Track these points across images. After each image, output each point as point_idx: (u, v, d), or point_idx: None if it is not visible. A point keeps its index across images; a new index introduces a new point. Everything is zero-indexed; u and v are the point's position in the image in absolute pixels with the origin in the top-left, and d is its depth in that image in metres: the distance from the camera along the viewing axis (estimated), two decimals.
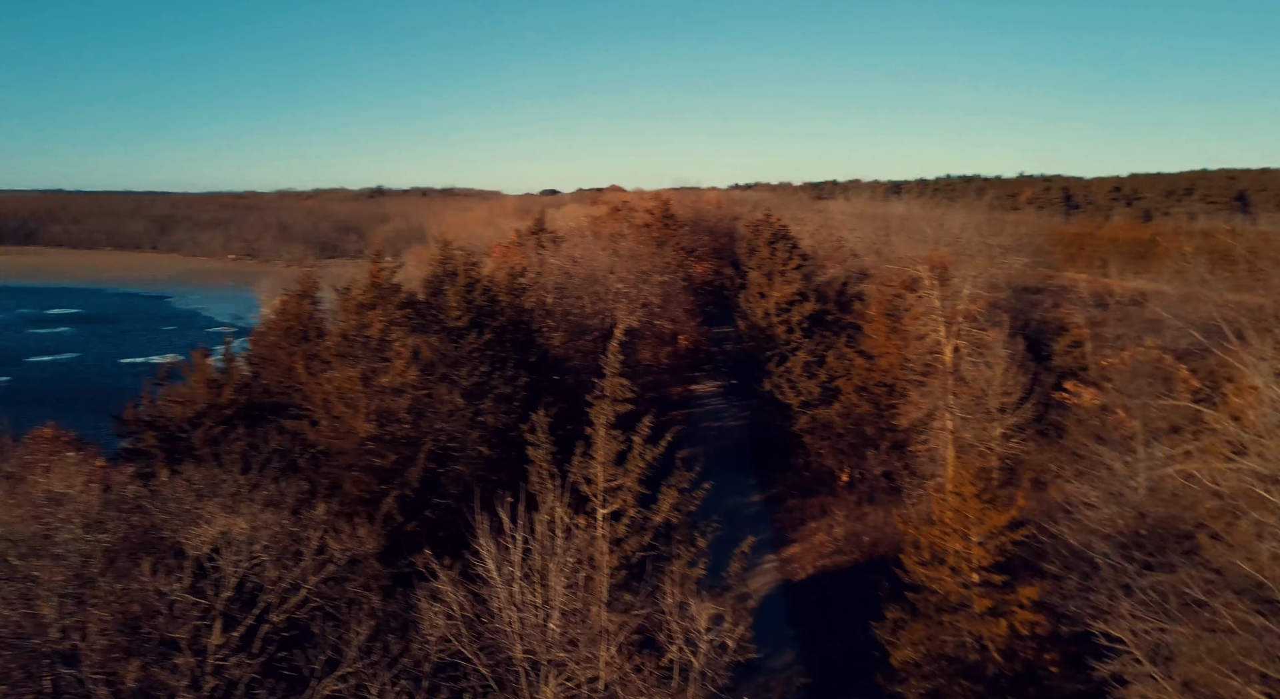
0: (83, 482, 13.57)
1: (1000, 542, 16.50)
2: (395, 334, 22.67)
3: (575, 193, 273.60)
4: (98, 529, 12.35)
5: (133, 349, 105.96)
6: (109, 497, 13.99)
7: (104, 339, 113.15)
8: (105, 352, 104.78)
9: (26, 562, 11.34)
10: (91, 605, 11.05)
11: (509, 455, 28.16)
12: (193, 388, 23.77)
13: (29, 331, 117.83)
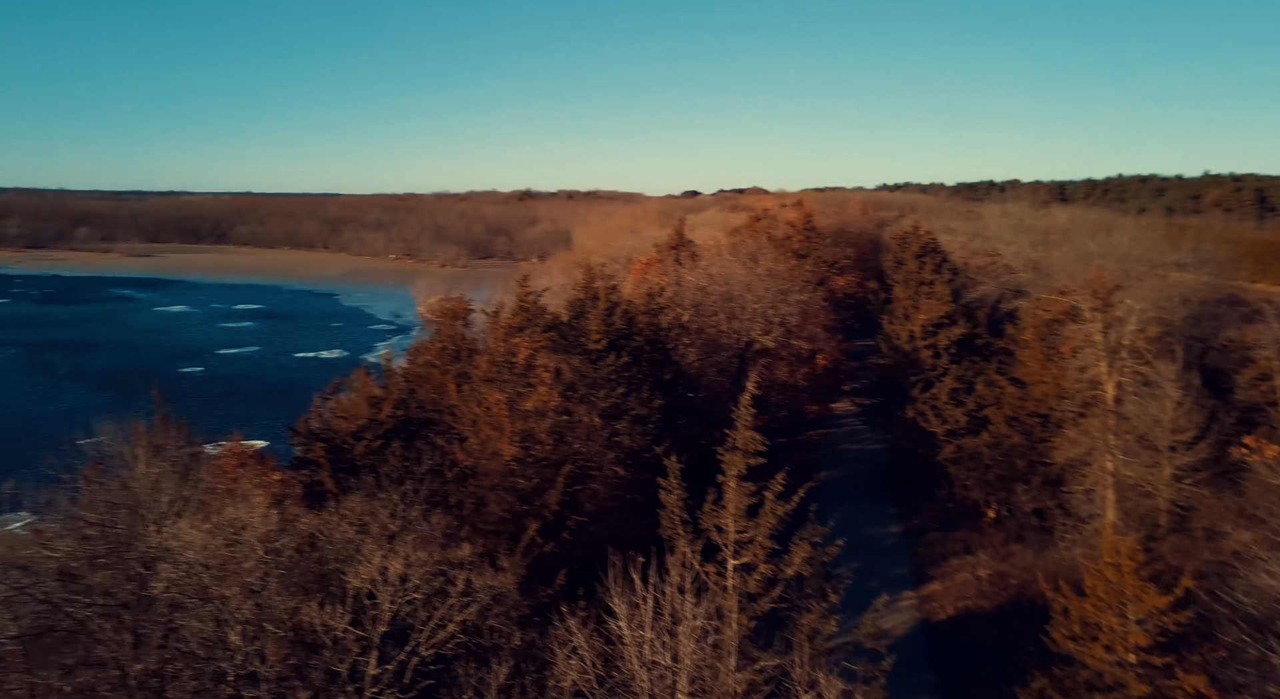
0: (263, 507, 15.08)
1: (1161, 622, 15.22)
2: (540, 360, 23.63)
3: (716, 194, 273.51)
4: (275, 557, 13.75)
5: (305, 344, 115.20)
6: (285, 520, 15.44)
7: (281, 334, 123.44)
8: (282, 346, 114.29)
9: (218, 583, 12.84)
10: (269, 632, 12.36)
11: (642, 476, 28.71)
12: (356, 403, 25.71)
13: (219, 326, 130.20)
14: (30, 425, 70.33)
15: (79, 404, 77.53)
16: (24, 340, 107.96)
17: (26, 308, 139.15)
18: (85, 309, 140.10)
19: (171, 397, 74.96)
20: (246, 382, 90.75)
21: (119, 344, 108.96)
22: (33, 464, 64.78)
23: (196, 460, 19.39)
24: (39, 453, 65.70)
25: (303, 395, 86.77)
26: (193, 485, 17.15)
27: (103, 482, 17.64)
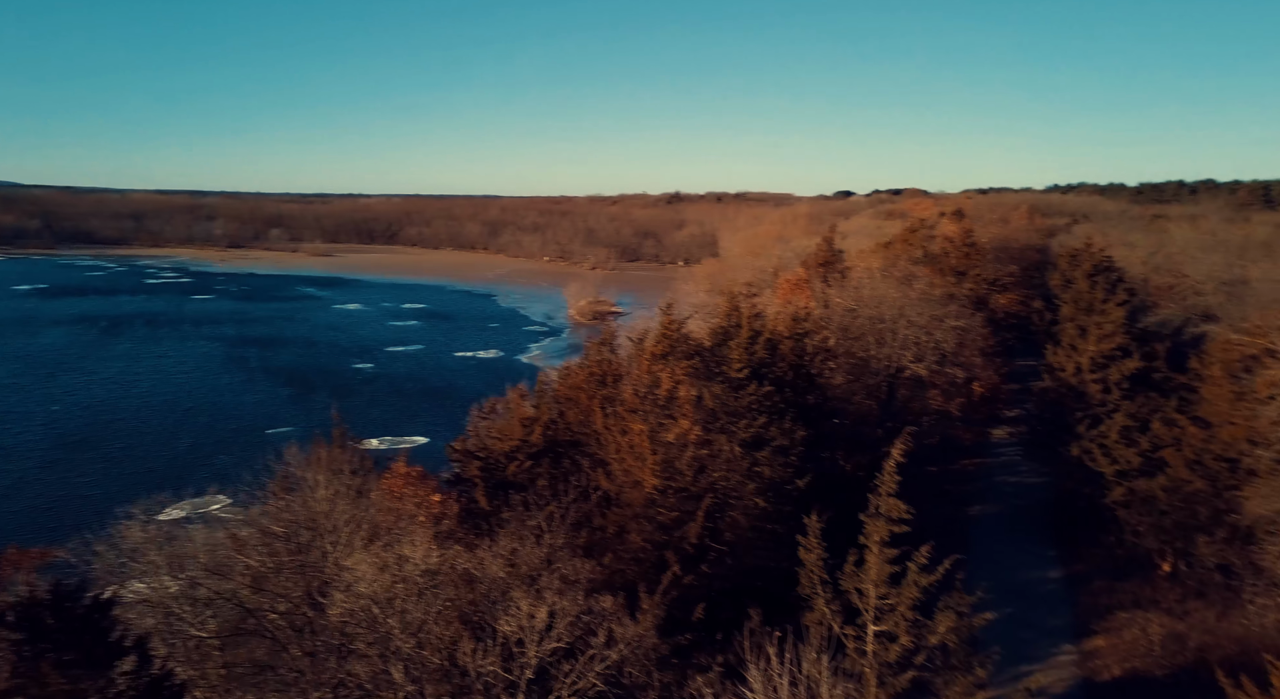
0: (426, 542, 16.29)
1: None
2: (682, 391, 23.99)
3: (870, 196, 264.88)
4: (435, 595, 14.86)
5: (464, 344, 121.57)
6: (443, 558, 16.59)
7: (443, 333, 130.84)
8: (444, 345, 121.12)
9: (385, 618, 14.07)
10: (428, 671, 13.41)
11: (783, 508, 28.50)
12: (509, 424, 27.05)
13: (388, 324, 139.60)
14: (227, 416, 78.29)
15: (267, 397, 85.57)
16: (224, 335, 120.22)
17: (227, 304, 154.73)
18: (275, 306, 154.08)
19: (345, 393, 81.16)
20: (411, 380, 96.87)
21: (302, 340, 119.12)
22: (229, 451, 72.04)
23: (368, 482, 21.05)
24: (234, 441, 73.12)
25: (460, 395, 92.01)
26: (364, 507, 18.70)
27: (287, 497, 19.51)
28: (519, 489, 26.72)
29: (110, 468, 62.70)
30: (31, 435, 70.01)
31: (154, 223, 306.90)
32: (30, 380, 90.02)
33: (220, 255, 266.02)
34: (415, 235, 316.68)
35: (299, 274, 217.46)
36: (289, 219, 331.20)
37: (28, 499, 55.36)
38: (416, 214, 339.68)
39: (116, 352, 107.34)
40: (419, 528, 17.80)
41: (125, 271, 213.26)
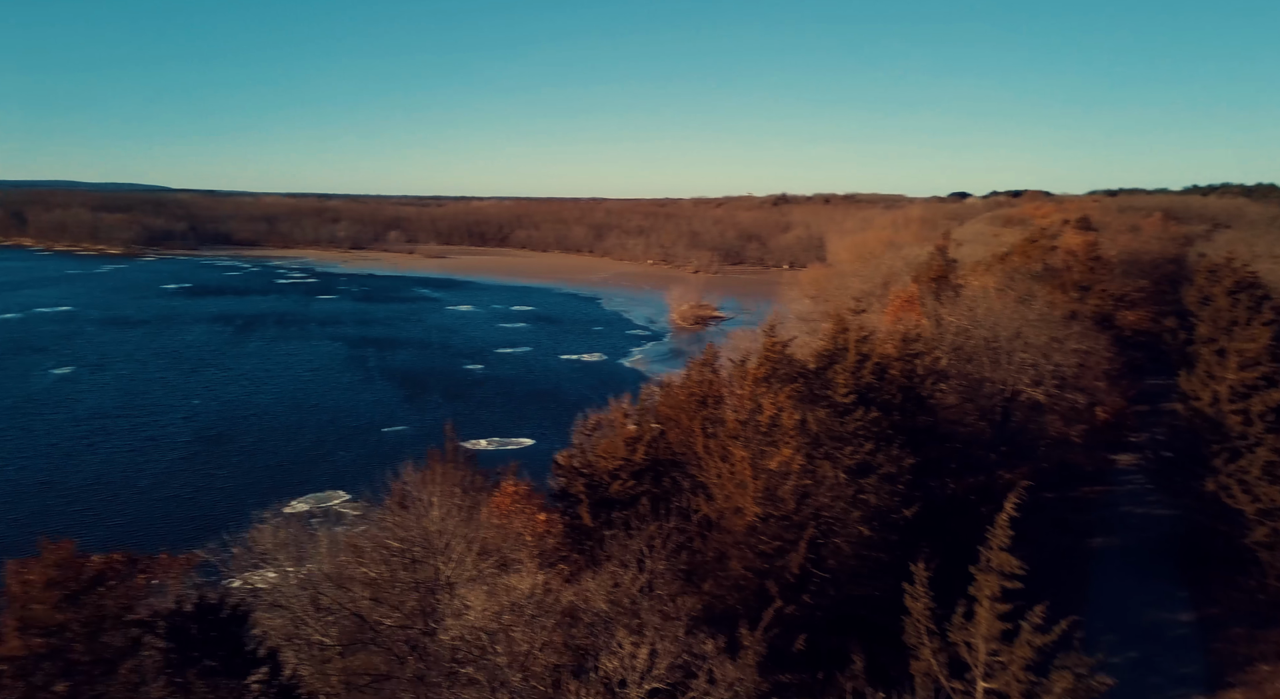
0: (534, 574, 16.84)
1: None
2: (785, 418, 23.82)
3: (987, 198, 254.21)
4: (541, 629, 15.37)
5: (569, 347, 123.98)
6: (549, 590, 17.10)
7: (549, 336, 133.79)
8: (550, 348, 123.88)
9: (494, 650, 14.66)
10: None
11: (889, 537, 27.86)
12: (612, 442, 27.52)
13: (497, 326, 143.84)
14: (347, 414, 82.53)
15: (384, 397, 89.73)
16: (345, 336, 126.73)
17: (348, 305, 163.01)
18: (393, 307, 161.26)
19: (457, 394, 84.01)
20: (518, 382, 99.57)
21: (417, 342, 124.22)
22: (349, 448, 75.48)
23: (478, 500, 21.89)
24: (353, 439, 76.71)
25: (565, 398, 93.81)
26: (475, 526, 19.50)
27: (403, 513, 20.52)
28: (622, 507, 27.15)
29: (243, 461, 67.18)
30: (175, 428, 75.80)
31: (285, 225, 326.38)
32: (175, 376, 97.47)
33: (343, 256, 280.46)
34: (524, 238, 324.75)
35: (414, 276, 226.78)
36: (406, 222, 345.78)
37: (173, 489, 59.96)
38: (526, 217, 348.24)
39: (249, 349, 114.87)
40: (526, 553, 18.40)
41: (258, 272, 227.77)
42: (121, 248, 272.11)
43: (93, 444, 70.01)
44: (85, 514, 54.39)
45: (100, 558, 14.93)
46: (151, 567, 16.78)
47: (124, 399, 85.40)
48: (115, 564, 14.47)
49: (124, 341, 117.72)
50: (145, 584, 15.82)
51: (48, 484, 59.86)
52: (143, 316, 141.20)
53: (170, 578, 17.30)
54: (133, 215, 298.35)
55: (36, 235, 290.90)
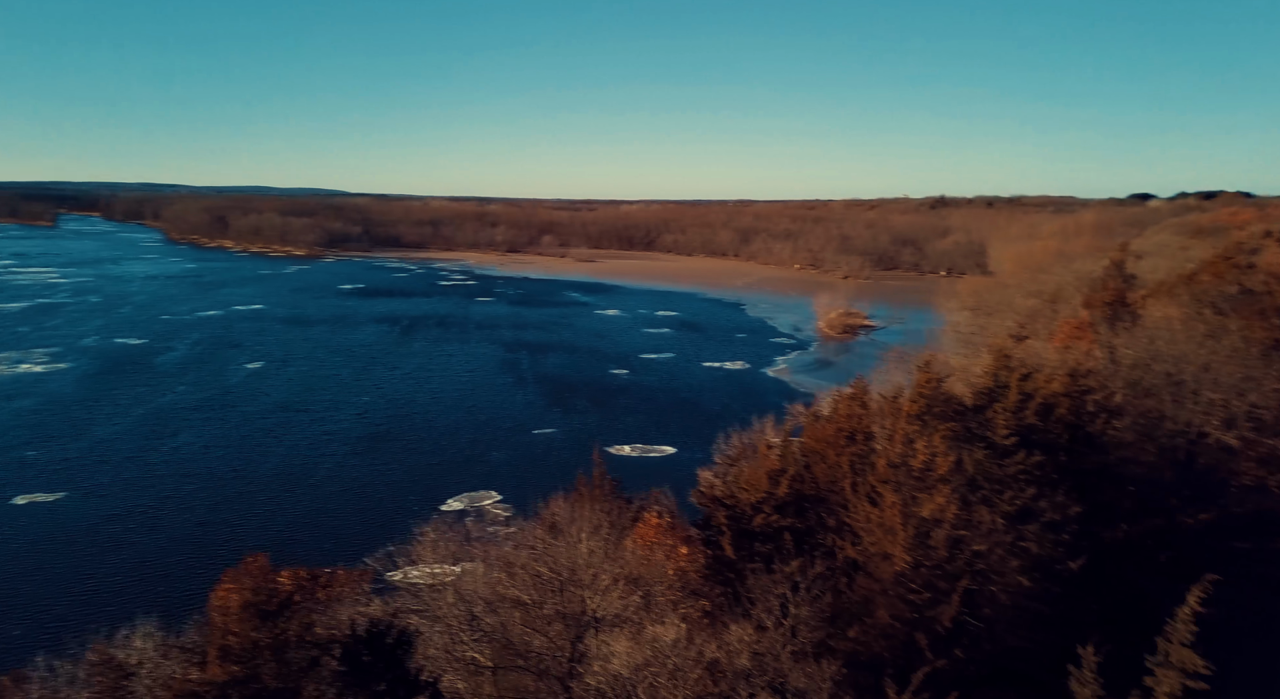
0: (677, 625, 17.14)
1: None
2: (939, 463, 22.92)
3: (1174, 200, 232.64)
4: (683, 678, 15.65)
5: (712, 354, 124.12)
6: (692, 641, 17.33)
7: (692, 343, 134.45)
8: (693, 354, 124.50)
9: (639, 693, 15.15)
10: None
11: (1051, 588, 26.23)
12: (756, 474, 27.41)
13: (643, 331, 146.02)
14: (501, 415, 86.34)
15: (535, 399, 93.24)
16: (500, 339, 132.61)
17: (504, 309, 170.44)
18: (545, 312, 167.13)
19: (602, 399, 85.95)
20: (661, 389, 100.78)
21: (566, 346, 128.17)
22: (502, 448, 78.78)
23: (623, 532, 22.47)
24: (506, 440, 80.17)
25: (707, 406, 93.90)
26: (620, 559, 20.07)
27: (552, 541, 21.39)
28: (764, 540, 27.04)
29: (406, 457, 71.77)
30: (348, 424, 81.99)
31: (447, 228, 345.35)
32: (348, 373, 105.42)
33: (499, 259, 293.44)
34: (671, 242, 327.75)
35: (565, 279, 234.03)
36: (558, 226, 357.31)
37: (344, 482, 64.94)
38: (673, 221, 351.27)
39: (414, 349, 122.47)
40: (668, 586, 18.73)
41: (423, 273, 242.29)
42: (305, 250, 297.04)
43: (277, 436, 76.88)
44: (269, 504, 59.88)
45: (288, 575, 16.51)
46: (330, 582, 18.38)
47: (304, 394, 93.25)
48: (301, 581, 15.97)
49: (305, 339, 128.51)
50: (325, 600, 17.37)
51: (239, 472, 66.33)
52: (321, 316, 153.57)
53: (346, 592, 18.88)
54: (315, 219, 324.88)
55: (235, 238, 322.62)
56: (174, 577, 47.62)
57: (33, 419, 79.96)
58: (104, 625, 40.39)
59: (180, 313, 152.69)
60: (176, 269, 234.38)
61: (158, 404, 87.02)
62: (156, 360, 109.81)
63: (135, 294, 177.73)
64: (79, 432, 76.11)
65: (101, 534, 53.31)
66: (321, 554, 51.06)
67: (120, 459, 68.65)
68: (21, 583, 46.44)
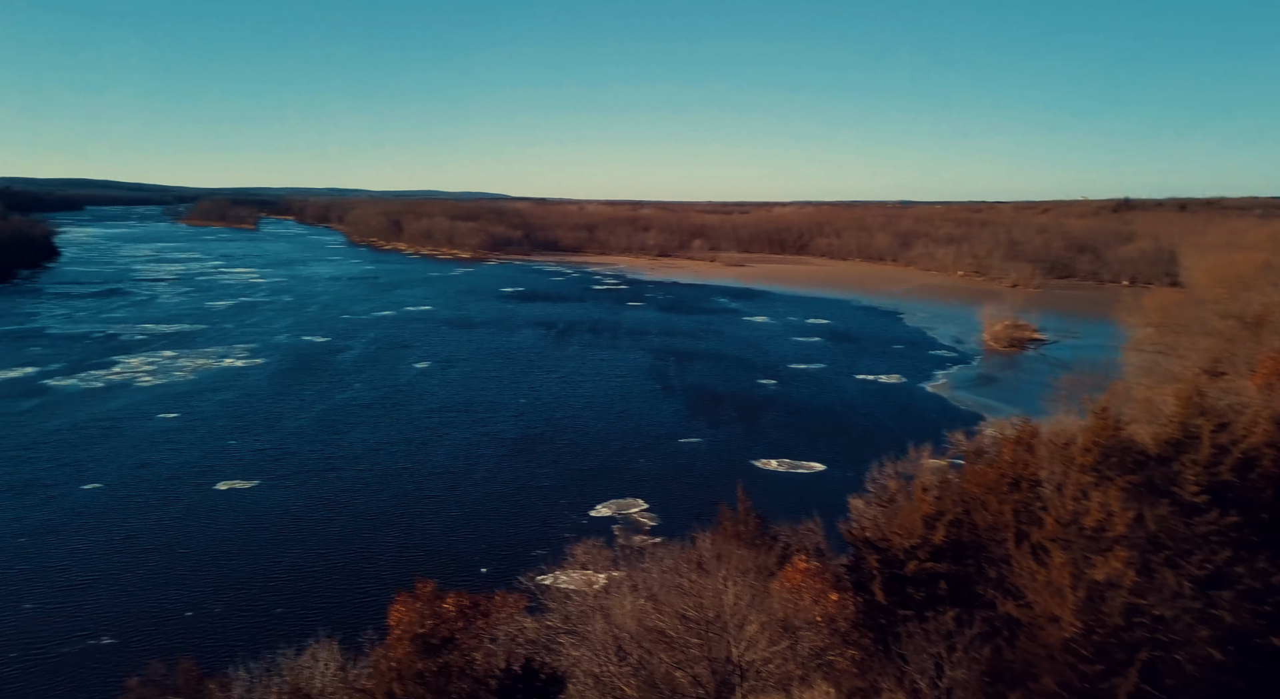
0: (823, 690, 16.88)
1: None
2: (1117, 523, 21.23)
3: None
4: None
5: (866, 366, 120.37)
6: None
7: (845, 353, 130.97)
8: (845, 366, 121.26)
9: None
10: None
11: (1250, 665, 23.72)
12: (910, 517, 26.41)
13: (792, 340, 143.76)
14: (648, 422, 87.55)
15: (682, 408, 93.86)
16: (650, 346, 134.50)
17: (653, 315, 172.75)
18: (693, 318, 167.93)
19: (749, 410, 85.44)
20: (811, 402, 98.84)
21: (714, 355, 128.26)
22: (648, 456, 79.88)
23: (770, 575, 22.32)
24: (652, 448, 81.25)
25: (859, 422, 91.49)
26: (767, 605, 19.97)
27: (699, 581, 21.56)
28: (918, 586, 26.04)
29: (558, 461, 74.29)
30: (505, 425, 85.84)
31: (602, 233, 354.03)
32: (507, 374, 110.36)
33: (650, 264, 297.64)
34: (824, 246, 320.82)
35: (715, 284, 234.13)
36: (709, 230, 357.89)
37: (500, 484, 68.07)
38: (827, 224, 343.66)
39: (568, 354, 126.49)
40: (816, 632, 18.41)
41: (578, 278, 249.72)
42: (470, 252, 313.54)
43: (441, 435, 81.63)
44: (433, 501, 63.70)
45: (453, 601, 17.60)
46: (489, 609, 19.43)
47: (466, 395, 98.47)
48: (464, 608, 16.99)
49: (468, 340, 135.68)
50: (485, 628, 18.40)
51: (407, 470, 70.97)
52: (484, 318, 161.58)
53: (503, 620, 19.89)
54: (480, 224, 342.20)
55: (408, 240, 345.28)
56: (348, 567, 51.63)
57: (234, 410, 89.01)
58: (289, 612, 44.48)
59: (359, 312, 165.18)
60: (356, 270, 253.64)
61: (337, 400, 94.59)
62: (337, 358, 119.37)
63: (321, 294, 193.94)
64: (271, 424, 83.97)
65: (287, 523, 58.61)
66: (479, 554, 53.88)
67: (305, 452, 75.17)
68: (223, 563, 51.85)
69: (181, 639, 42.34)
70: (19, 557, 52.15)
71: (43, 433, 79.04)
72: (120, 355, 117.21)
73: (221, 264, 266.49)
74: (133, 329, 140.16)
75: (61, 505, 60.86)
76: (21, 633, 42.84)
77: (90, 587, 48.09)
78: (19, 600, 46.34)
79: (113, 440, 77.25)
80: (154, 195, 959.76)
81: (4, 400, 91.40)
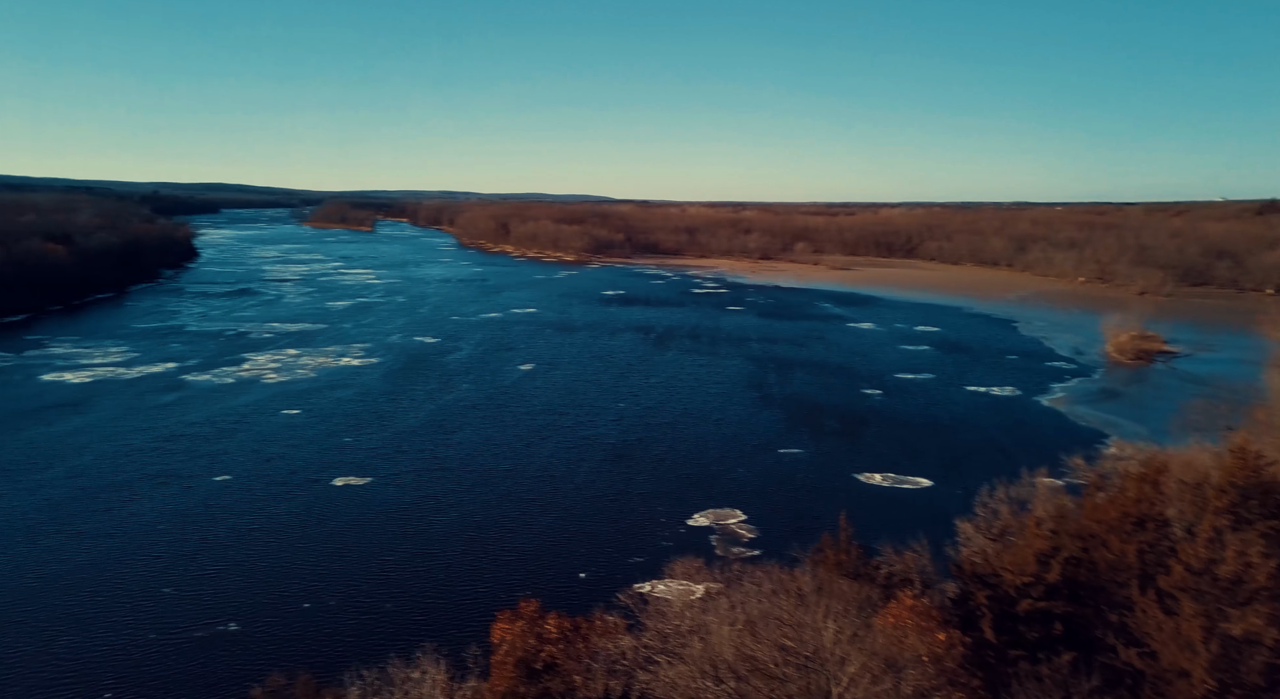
0: None
1: None
2: (1259, 574, 19.65)
3: None
4: None
5: (977, 377, 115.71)
6: None
7: (954, 363, 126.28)
8: (954, 376, 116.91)
9: None
10: None
11: None
12: (1022, 553, 25.23)
13: (899, 348, 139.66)
14: (747, 431, 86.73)
15: (782, 417, 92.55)
16: (749, 353, 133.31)
17: (754, 320, 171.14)
18: (795, 325, 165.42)
19: (852, 421, 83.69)
20: (917, 413, 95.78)
21: (816, 362, 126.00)
22: (747, 465, 79.27)
23: (872, 611, 21.76)
24: (751, 457, 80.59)
25: (968, 436, 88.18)
26: (869, 643, 19.48)
27: (799, 613, 21.23)
28: (1031, 626, 24.88)
29: (656, 467, 74.62)
30: (605, 429, 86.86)
31: (703, 236, 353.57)
32: (607, 378, 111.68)
33: (752, 267, 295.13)
34: (934, 250, 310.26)
35: (818, 289, 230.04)
36: (813, 232, 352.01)
37: (599, 489, 68.90)
38: (937, 227, 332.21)
39: (666, 359, 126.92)
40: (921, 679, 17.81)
41: (678, 281, 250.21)
42: (574, 256, 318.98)
43: (543, 438, 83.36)
44: (534, 504, 65.10)
45: (555, 623, 17.97)
46: (589, 631, 19.74)
47: (567, 397, 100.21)
48: (565, 631, 17.34)
49: (570, 344, 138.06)
50: (585, 652, 18.71)
51: (510, 472, 72.82)
52: (585, 321, 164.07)
53: (603, 644, 20.15)
54: (584, 227, 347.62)
55: (515, 243, 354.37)
56: (453, 567, 53.41)
57: (349, 408, 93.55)
58: (398, 608, 46.39)
59: (467, 314, 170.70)
60: (465, 273, 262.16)
61: (445, 401, 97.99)
62: (446, 359, 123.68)
63: (432, 295, 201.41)
64: (383, 422, 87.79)
65: (396, 520, 61.12)
66: (578, 558, 54.75)
67: (415, 451, 78.23)
68: (338, 558, 54.58)
69: (300, 630, 44.85)
70: (160, 543, 56.41)
71: (182, 425, 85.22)
72: (249, 353, 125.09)
73: (341, 265, 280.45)
74: (260, 327, 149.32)
75: (196, 496, 65.46)
76: (160, 616, 46.32)
77: (219, 576, 51.52)
78: (160, 584, 50.14)
79: (241, 434, 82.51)
80: (282, 198, 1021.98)
81: (151, 394, 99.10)
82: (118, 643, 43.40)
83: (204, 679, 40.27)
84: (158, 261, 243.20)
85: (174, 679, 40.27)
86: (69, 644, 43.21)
